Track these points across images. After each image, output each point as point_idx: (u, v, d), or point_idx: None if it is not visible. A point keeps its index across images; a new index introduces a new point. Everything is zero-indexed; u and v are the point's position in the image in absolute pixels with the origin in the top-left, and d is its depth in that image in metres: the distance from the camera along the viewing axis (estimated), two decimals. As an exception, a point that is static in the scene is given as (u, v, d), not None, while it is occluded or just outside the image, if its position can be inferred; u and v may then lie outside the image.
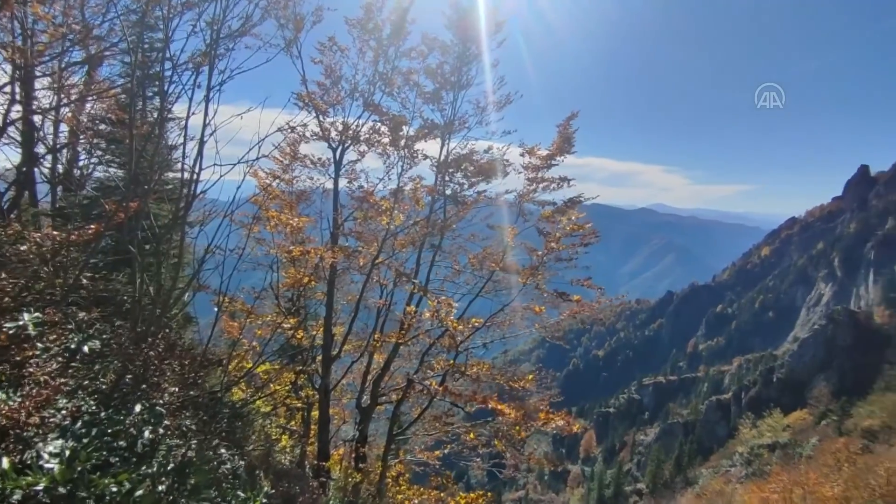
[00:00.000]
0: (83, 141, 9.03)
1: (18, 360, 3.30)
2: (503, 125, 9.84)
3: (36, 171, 8.13)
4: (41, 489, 2.33)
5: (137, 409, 3.36)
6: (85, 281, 5.15)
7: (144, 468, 2.99)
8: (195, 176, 5.29)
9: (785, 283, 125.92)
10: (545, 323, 9.97)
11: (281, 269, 9.74)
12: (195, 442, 3.90)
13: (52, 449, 2.58)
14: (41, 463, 2.49)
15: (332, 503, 8.03)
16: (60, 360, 3.62)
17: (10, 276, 4.12)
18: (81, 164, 9.61)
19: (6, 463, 2.34)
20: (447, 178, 10.21)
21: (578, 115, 9.77)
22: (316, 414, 10.12)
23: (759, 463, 51.89)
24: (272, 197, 9.44)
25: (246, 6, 5.61)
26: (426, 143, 9.89)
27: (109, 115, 8.52)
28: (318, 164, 9.67)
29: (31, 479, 2.34)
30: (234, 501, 3.48)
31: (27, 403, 2.86)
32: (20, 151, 7.42)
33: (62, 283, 4.62)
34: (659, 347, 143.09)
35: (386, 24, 8.95)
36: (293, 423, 10.52)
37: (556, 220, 9.76)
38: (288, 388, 9.83)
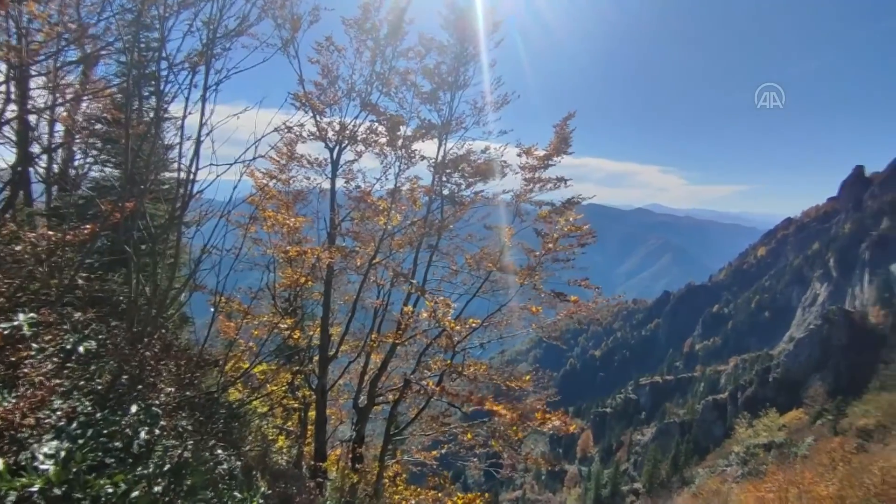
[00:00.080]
0: (79, 140, 9.00)
1: (13, 360, 3.29)
2: (500, 125, 9.80)
3: (31, 170, 8.08)
4: (36, 490, 2.33)
5: (133, 409, 3.36)
6: (80, 281, 5.13)
7: (140, 469, 2.99)
8: (191, 176, 5.27)
9: (781, 283, 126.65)
10: (542, 323, 9.98)
11: (278, 269, 9.72)
12: (191, 442, 3.89)
13: (47, 450, 2.57)
14: (36, 464, 2.48)
15: None
16: (56, 360, 3.61)
17: (5, 276, 4.11)
18: (77, 163, 9.57)
19: (1, 464, 2.33)
20: (444, 178, 10.20)
21: (575, 115, 9.77)
22: (313, 414, 10.10)
23: (755, 462, 52.18)
24: (269, 197, 9.42)
25: (243, 6, 5.60)
26: (423, 143, 9.87)
27: (105, 114, 8.47)
28: (314, 164, 9.65)
29: (26, 480, 2.33)
30: (230, 502, 3.49)
31: (22, 404, 2.85)
32: (15, 151, 7.38)
33: (57, 283, 4.61)
34: (655, 347, 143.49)
35: (383, 24, 8.94)
36: (290, 423, 10.51)
37: (553, 220, 9.75)
38: (285, 388, 9.81)
